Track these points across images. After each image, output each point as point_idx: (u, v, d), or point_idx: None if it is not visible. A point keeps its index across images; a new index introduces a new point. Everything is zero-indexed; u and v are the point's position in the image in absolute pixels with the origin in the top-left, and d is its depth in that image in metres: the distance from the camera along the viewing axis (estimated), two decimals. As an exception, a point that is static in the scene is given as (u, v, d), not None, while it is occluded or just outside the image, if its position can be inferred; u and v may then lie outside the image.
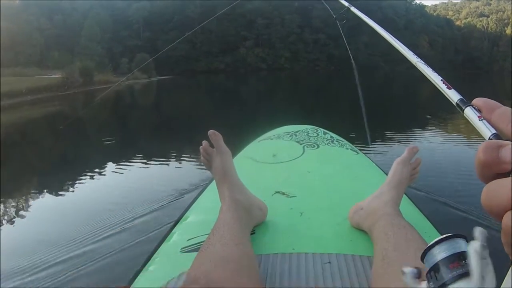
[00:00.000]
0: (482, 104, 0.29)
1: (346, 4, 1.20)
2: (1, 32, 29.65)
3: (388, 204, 1.02)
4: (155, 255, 1.09)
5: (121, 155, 5.26)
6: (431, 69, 0.43)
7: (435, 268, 0.30)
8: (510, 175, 0.24)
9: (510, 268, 0.24)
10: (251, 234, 1.06)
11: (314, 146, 1.89)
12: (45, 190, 3.89)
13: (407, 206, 1.22)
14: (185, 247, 1.06)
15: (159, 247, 1.14)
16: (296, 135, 2.07)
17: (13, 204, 3.60)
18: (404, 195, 1.15)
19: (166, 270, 0.98)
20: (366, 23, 1.01)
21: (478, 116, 0.28)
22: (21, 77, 21.74)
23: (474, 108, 0.29)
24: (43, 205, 3.52)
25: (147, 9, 58.52)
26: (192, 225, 1.24)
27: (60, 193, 3.78)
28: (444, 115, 9.09)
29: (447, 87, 0.36)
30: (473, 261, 0.28)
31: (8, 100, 14.21)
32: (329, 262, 0.94)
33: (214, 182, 1.27)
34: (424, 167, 1.24)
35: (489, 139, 0.27)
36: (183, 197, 3.25)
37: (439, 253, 0.30)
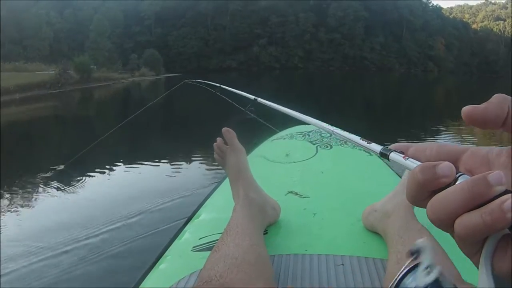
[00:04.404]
0: (399, 147, 0.32)
1: (252, 97, 1.30)
2: (8, 25, 29.47)
3: (403, 206, 1.00)
4: (166, 253, 1.09)
5: (131, 152, 5.28)
6: (348, 133, 0.48)
7: None
8: (451, 185, 0.26)
9: (480, 269, 0.25)
10: (264, 233, 1.05)
11: (327, 146, 1.87)
12: (56, 186, 3.92)
13: (421, 209, 1.20)
14: (196, 246, 1.06)
15: (170, 244, 1.13)
16: (309, 135, 2.05)
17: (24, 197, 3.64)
18: None
19: (177, 269, 0.97)
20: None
21: (403, 157, 0.31)
22: (20, 72, 20.44)
23: (397, 151, 0.32)
24: (53, 200, 3.55)
25: (159, 4, 58.42)
26: (204, 224, 1.23)
27: (71, 189, 3.80)
28: (457, 118, 9.00)
29: (367, 143, 0.40)
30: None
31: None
32: (342, 264, 0.93)
33: (227, 180, 1.26)
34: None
35: None
36: (196, 193, 3.25)
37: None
